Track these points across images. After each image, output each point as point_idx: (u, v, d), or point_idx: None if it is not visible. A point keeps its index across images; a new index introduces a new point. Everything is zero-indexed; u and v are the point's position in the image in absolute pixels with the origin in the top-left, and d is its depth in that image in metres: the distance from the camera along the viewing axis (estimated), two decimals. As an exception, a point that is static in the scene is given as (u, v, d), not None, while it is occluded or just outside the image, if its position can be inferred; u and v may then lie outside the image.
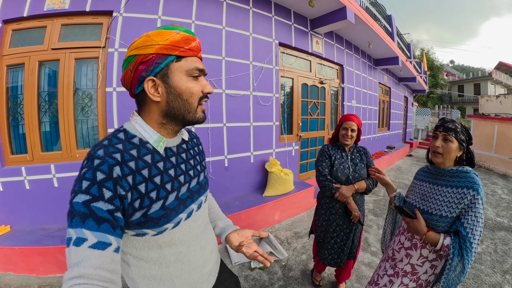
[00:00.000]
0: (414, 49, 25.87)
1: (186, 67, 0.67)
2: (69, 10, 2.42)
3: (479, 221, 1.06)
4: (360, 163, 1.83)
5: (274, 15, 3.57)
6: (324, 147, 1.90)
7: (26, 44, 2.49)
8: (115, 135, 0.66)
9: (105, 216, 0.55)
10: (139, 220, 0.63)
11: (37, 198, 2.42)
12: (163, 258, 0.70)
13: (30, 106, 2.46)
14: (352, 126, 1.78)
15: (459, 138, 1.16)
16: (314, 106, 4.53)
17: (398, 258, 1.31)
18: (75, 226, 0.53)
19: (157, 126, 0.71)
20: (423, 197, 1.26)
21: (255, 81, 3.35)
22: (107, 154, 0.59)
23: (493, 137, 7.35)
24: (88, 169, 0.57)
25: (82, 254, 0.51)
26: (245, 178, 3.42)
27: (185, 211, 0.73)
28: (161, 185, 0.67)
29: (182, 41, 0.66)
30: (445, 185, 1.18)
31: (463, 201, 1.09)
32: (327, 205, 1.86)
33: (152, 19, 2.61)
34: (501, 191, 5.21)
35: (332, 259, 1.87)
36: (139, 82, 0.66)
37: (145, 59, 0.64)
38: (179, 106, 0.69)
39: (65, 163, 2.48)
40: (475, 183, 1.10)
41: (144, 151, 0.67)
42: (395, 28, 6.60)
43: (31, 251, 2.11)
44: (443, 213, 1.13)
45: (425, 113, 15.17)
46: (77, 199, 0.55)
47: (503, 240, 3.07)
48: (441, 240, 1.12)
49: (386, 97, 8.25)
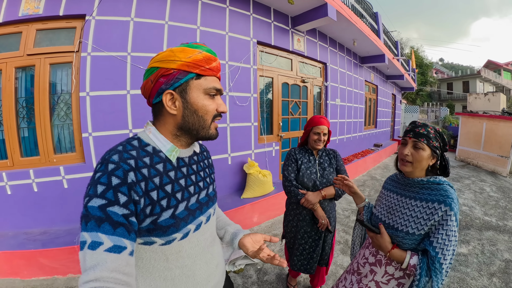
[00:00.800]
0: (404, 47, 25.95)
1: (204, 86, 0.71)
2: (44, 15, 2.44)
3: (451, 240, 0.94)
4: (329, 167, 1.77)
5: (253, 13, 3.56)
6: (291, 150, 1.83)
7: (2, 50, 2.52)
8: (129, 142, 0.68)
9: (121, 220, 0.56)
10: (148, 226, 0.64)
11: (19, 202, 2.48)
12: (168, 271, 0.71)
13: (9, 112, 2.50)
14: (324, 130, 1.72)
15: (432, 145, 1.03)
16: (296, 105, 4.55)
17: (363, 273, 1.20)
18: (90, 229, 0.54)
19: (171, 137, 0.74)
20: (389, 209, 1.14)
21: (231, 81, 3.36)
22: (122, 160, 0.61)
23: (482, 134, 7.42)
24: (102, 174, 0.58)
25: (98, 258, 0.52)
26: (222, 180, 3.43)
27: (193, 222, 0.74)
28: (172, 193, 0.69)
29: (204, 60, 0.70)
30: (414, 197, 1.06)
31: (433, 217, 0.97)
32: (294, 211, 1.81)
33: (125, 21, 2.62)
34: (490, 189, 5.21)
35: (302, 265, 1.81)
36: (158, 93, 0.69)
37: (166, 72, 0.67)
38: (194, 121, 0.72)
39: (44, 168, 2.53)
40: (448, 196, 0.97)
41: (156, 159, 0.69)
42: (381, 25, 6.58)
43: (15, 255, 2.17)
44: (410, 230, 1.02)
45: (414, 111, 15.31)
46: (92, 203, 0.55)
47: (490, 240, 2.98)
48: (407, 259, 1.01)
49: (373, 95, 8.26)
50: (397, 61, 8.07)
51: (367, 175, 6.19)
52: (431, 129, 1.06)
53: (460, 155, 8.47)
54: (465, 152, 8.17)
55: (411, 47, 26.33)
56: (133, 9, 2.65)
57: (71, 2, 2.47)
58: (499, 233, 3.19)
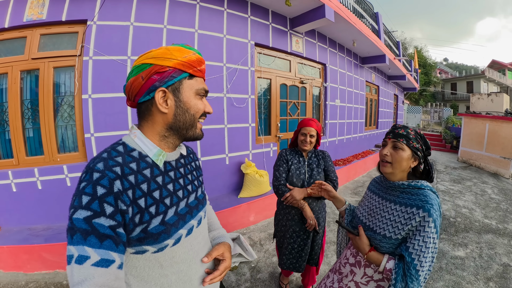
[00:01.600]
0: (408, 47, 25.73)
1: (196, 86, 0.73)
2: (47, 20, 2.54)
3: (428, 247, 0.91)
4: (317, 168, 1.81)
5: (251, 16, 3.62)
6: (282, 151, 1.89)
7: (8, 54, 2.63)
8: (114, 148, 0.66)
9: (108, 232, 0.54)
10: (139, 235, 0.62)
11: (24, 199, 2.59)
12: (164, 278, 0.69)
13: (14, 113, 2.62)
14: (311, 132, 1.76)
15: (412, 146, 1.02)
16: (294, 106, 4.59)
17: (344, 273, 1.21)
18: (76, 243, 0.52)
19: (158, 139, 0.73)
20: (369, 211, 1.15)
21: (228, 83, 3.42)
22: (107, 168, 0.59)
23: (484, 135, 7.36)
24: (87, 183, 0.56)
25: (86, 273, 0.51)
26: (220, 180, 3.51)
27: (184, 227, 0.73)
28: (160, 199, 0.67)
29: (197, 62, 0.72)
30: (394, 201, 1.05)
31: (411, 222, 0.95)
32: (284, 211, 1.86)
33: (125, 26, 2.71)
34: (491, 191, 5.14)
35: (291, 263, 1.85)
36: (148, 91, 0.68)
37: (161, 70, 0.66)
38: (185, 120, 0.72)
39: (48, 167, 2.64)
40: (428, 202, 0.94)
41: (143, 164, 0.67)
42: (382, 25, 6.56)
43: (19, 250, 2.27)
44: (387, 233, 1.01)
45: (417, 111, 15.13)
46: (77, 215, 0.53)
47: (489, 243, 2.94)
48: (383, 263, 1.00)
49: (375, 95, 8.23)
50: (399, 62, 8.02)
51: (367, 176, 6.19)
52: (411, 131, 1.06)
53: (462, 156, 8.39)
54: (467, 153, 8.10)
55: (415, 47, 26.09)
56: (132, 14, 2.74)
57: (73, 7, 2.57)
58: (499, 236, 3.15)
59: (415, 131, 1.07)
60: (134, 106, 0.75)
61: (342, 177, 5.17)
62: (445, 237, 3.12)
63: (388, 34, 7.81)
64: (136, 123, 0.76)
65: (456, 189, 5.25)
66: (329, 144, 5.54)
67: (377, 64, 6.67)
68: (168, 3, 2.92)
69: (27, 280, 2.24)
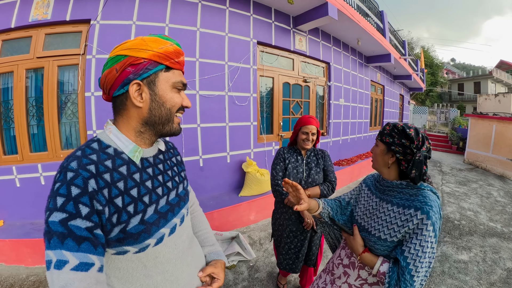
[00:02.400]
0: (415, 47, 25.33)
1: (173, 79, 0.69)
2: (52, 20, 2.59)
3: (425, 251, 0.85)
4: (315, 167, 1.77)
5: (253, 14, 3.61)
6: (280, 149, 1.85)
7: (14, 53, 2.70)
8: (88, 145, 0.63)
9: (85, 234, 0.52)
10: (118, 236, 0.59)
11: (27, 195, 2.64)
12: (149, 278, 0.67)
13: (19, 110, 2.68)
14: (313, 130, 1.73)
15: (385, 141, 0.99)
16: (297, 105, 4.56)
17: (337, 275, 1.16)
18: (54, 247, 0.50)
19: (134, 135, 0.70)
20: (366, 212, 1.11)
21: (230, 81, 3.42)
22: (81, 166, 0.56)
23: (491, 137, 7.22)
24: (61, 184, 0.54)
25: (65, 278, 0.49)
26: (221, 178, 3.51)
27: (166, 225, 0.70)
28: (138, 198, 0.64)
29: (174, 53, 0.68)
30: (391, 202, 1.00)
31: (408, 224, 0.89)
32: (281, 210, 1.84)
33: (127, 25, 2.74)
34: (497, 193, 5.04)
35: (287, 264, 1.82)
36: (123, 84, 0.64)
37: (135, 61, 0.63)
38: (161, 114, 0.69)
39: (51, 163, 2.69)
40: (427, 203, 0.88)
41: (119, 161, 0.64)
42: (387, 24, 6.49)
43: (21, 243, 2.32)
44: (382, 236, 0.96)
45: (423, 112, 14.89)
46: (53, 218, 0.51)
47: (493, 247, 2.87)
48: (377, 265, 0.95)
49: (380, 95, 8.13)
50: (404, 61, 7.91)
51: (371, 176, 6.11)
52: (388, 126, 1.02)
53: (468, 158, 8.22)
54: (473, 155, 7.94)
55: (422, 47, 25.71)
56: (135, 13, 2.76)
57: (77, 7, 2.61)
58: (504, 240, 3.08)
59: (394, 126, 0.99)
60: (110, 100, 0.72)
61: (345, 177, 5.11)
62: (449, 240, 3.06)
63: (394, 33, 7.72)
64: (111, 118, 0.73)
65: (461, 191, 5.16)
66: (333, 144, 5.49)
67: (382, 63, 6.59)
68: (170, 2, 2.94)
69: (28, 274, 2.28)
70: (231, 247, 2.55)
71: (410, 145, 0.94)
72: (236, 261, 2.49)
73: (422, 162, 0.90)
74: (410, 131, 0.94)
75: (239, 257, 2.52)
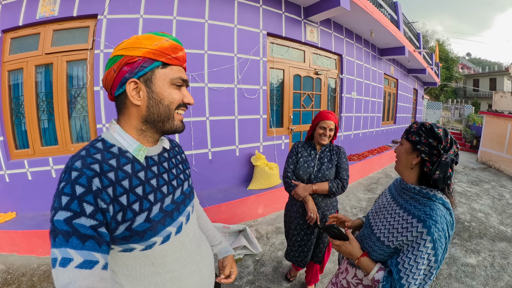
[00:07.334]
0: (430, 40, 24.38)
1: (170, 76, 0.68)
2: (59, 17, 2.60)
3: (420, 268, 0.79)
4: (328, 163, 1.73)
5: (262, 5, 3.51)
6: (295, 143, 1.88)
7: (23, 50, 2.72)
8: (93, 145, 0.64)
9: (89, 232, 0.53)
10: (123, 234, 0.60)
11: (38, 187, 2.70)
12: (158, 276, 0.68)
13: (30, 106, 2.71)
14: (331, 126, 1.70)
15: (410, 139, 0.92)
16: (308, 98, 4.44)
17: (342, 269, 1.18)
18: (59, 245, 0.51)
19: (136, 133, 0.70)
20: (377, 210, 1.08)
21: (239, 73, 3.35)
22: (85, 166, 0.57)
23: (506, 136, 6.92)
24: (66, 183, 0.55)
25: (70, 275, 0.50)
26: (230, 171, 3.47)
27: (172, 224, 0.71)
28: (144, 196, 0.65)
29: (170, 49, 0.67)
30: (401, 205, 0.95)
31: (407, 234, 0.85)
32: (291, 202, 1.86)
33: (134, 19, 2.71)
34: (509, 195, 4.82)
35: (293, 256, 1.83)
36: (121, 83, 0.65)
37: (131, 60, 0.64)
38: (160, 112, 0.68)
39: (62, 156, 2.73)
40: (431, 217, 0.81)
41: (123, 160, 0.65)
42: (401, 16, 6.21)
43: (32, 234, 2.39)
44: (382, 237, 0.94)
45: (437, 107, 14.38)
46: (58, 217, 0.53)
47: (503, 252, 2.77)
48: (373, 272, 0.92)
49: (393, 89, 7.84)
50: (419, 54, 7.59)
51: (382, 172, 5.94)
52: (416, 124, 0.95)
53: (482, 157, 7.88)
54: (487, 154, 7.62)
55: (437, 40, 24.68)
56: (142, 6, 2.73)
57: (84, 3, 2.60)
58: (514, 245, 2.93)
59: (422, 124, 0.93)
60: (113, 100, 0.72)
61: (356, 172, 4.98)
62: (458, 242, 2.97)
63: (408, 25, 7.42)
64: (115, 118, 0.73)
65: (473, 191, 4.96)
66: (344, 138, 5.35)
67: (396, 56, 6.34)
68: (178, -6, 2.89)
69: (39, 263, 2.34)
70: (237, 241, 2.53)
71: (437, 145, 0.86)
72: (242, 255, 2.47)
73: (448, 164, 0.83)
74: (438, 131, 0.88)
75: (245, 250, 2.50)
